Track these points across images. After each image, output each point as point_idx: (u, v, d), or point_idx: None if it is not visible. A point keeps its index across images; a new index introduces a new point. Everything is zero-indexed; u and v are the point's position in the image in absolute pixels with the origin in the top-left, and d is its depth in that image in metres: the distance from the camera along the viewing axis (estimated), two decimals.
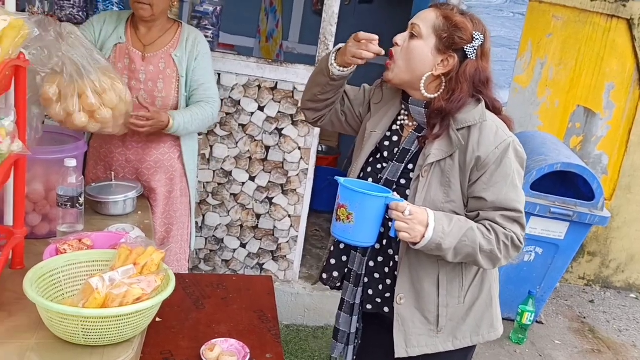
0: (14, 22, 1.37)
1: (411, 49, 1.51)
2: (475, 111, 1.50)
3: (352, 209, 1.41)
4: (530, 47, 4.18)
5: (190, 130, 2.26)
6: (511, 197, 1.47)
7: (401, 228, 1.41)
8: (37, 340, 1.34)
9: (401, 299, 1.59)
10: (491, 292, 1.65)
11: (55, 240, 1.70)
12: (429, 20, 1.51)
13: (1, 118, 1.46)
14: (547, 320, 3.82)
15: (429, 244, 1.43)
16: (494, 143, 1.47)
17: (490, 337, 1.66)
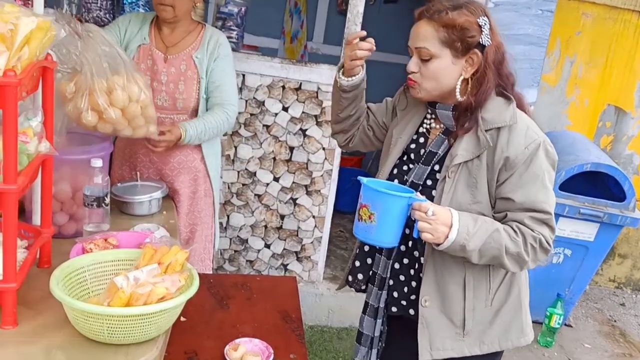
0: (42, 23, 1.38)
1: (432, 71, 1.48)
2: (506, 112, 1.47)
3: (374, 209, 1.40)
4: (559, 45, 4.10)
5: (204, 139, 2.26)
6: (540, 198, 1.44)
7: (424, 229, 1.39)
8: (63, 338, 1.36)
9: (426, 301, 1.56)
10: (520, 297, 1.61)
11: (81, 240, 1.72)
12: (432, 37, 1.45)
13: (29, 118, 1.48)
14: (576, 324, 3.75)
15: (452, 245, 1.40)
16: (523, 143, 1.44)
17: (520, 342, 1.62)
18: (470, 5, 1.47)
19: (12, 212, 1.31)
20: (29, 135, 1.42)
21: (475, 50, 1.46)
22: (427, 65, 1.48)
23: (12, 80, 1.23)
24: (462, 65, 1.48)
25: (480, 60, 1.47)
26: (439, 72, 1.48)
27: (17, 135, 1.27)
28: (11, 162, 1.28)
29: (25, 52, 1.36)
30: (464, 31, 1.44)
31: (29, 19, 1.34)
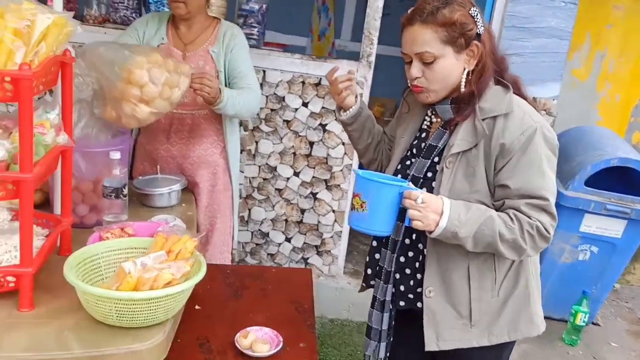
0: (57, 19, 1.45)
1: (438, 72, 1.48)
2: (502, 101, 1.47)
3: (366, 198, 1.43)
4: (589, 38, 4.02)
5: (237, 107, 2.23)
6: (537, 184, 1.43)
7: (414, 216, 1.41)
8: (75, 320, 1.42)
9: (430, 292, 1.57)
10: (528, 287, 1.60)
11: (99, 229, 1.79)
12: (432, 39, 1.44)
13: (47, 111, 1.55)
14: (604, 323, 3.67)
15: (444, 232, 1.42)
16: (519, 129, 1.44)
17: (530, 333, 1.62)
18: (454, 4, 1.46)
19: (28, 200, 1.37)
20: (46, 127, 1.49)
21: (475, 42, 1.47)
22: (432, 68, 1.48)
23: (26, 74, 1.30)
24: (464, 59, 1.49)
25: (480, 50, 1.48)
26: (445, 71, 1.48)
27: (32, 127, 1.34)
28: (27, 152, 1.34)
29: (42, 48, 1.43)
30: (463, 26, 1.45)
31: (45, 16, 1.41)
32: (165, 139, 2.40)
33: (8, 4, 1.38)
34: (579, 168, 3.20)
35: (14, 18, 1.34)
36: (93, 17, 3.08)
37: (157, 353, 1.40)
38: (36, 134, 1.44)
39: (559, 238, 3.32)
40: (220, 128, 2.39)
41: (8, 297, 1.46)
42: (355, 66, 2.89)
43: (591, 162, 3.17)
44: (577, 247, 3.35)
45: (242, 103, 2.24)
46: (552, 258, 3.39)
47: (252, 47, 2.89)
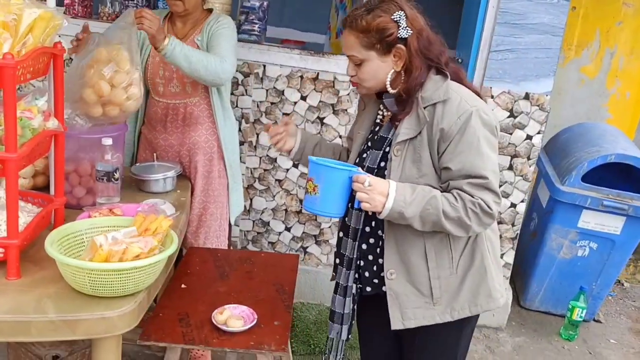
0: (44, 14, 1.58)
1: (366, 72, 1.60)
2: (440, 89, 1.56)
3: (318, 181, 1.53)
4: (599, 36, 4.02)
5: (192, 60, 2.20)
6: (477, 164, 1.51)
7: (362, 198, 1.50)
8: (55, 290, 1.55)
9: (392, 274, 1.66)
10: (484, 262, 1.68)
11: (88, 209, 1.92)
12: (355, 44, 1.57)
13: (36, 98, 1.68)
14: (606, 320, 3.67)
15: (391, 213, 1.51)
16: (456, 114, 1.52)
17: (489, 306, 1.70)
18: (384, 4, 1.55)
19: (13, 178, 1.51)
20: (33, 112, 1.63)
21: (399, 45, 1.55)
22: (361, 69, 1.61)
23: (10, 63, 1.43)
24: (391, 61, 1.58)
25: (405, 52, 1.56)
26: (372, 72, 1.60)
27: (15, 111, 1.47)
28: (11, 134, 1.47)
29: (30, 39, 1.56)
30: (381, 32, 1.54)
31: (31, 10, 1.54)
32: (162, 128, 2.53)
33: None
34: (576, 164, 3.22)
35: (1, 12, 1.48)
36: (107, 14, 3.23)
37: (127, 320, 1.52)
38: (23, 118, 1.58)
39: (557, 233, 3.35)
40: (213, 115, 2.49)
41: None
42: None
43: (588, 158, 3.19)
44: (576, 243, 3.36)
45: (197, 58, 2.21)
46: (551, 253, 3.41)
47: (254, 42, 3.01)
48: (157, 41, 2.15)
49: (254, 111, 3.08)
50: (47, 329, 1.45)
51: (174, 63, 2.22)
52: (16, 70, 1.46)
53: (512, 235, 3.19)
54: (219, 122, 2.49)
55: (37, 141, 1.63)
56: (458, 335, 1.76)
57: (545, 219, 3.42)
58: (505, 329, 3.38)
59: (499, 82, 2.89)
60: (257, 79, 3.03)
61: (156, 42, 2.16)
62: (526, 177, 3.08)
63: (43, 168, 2.14)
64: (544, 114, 2.94)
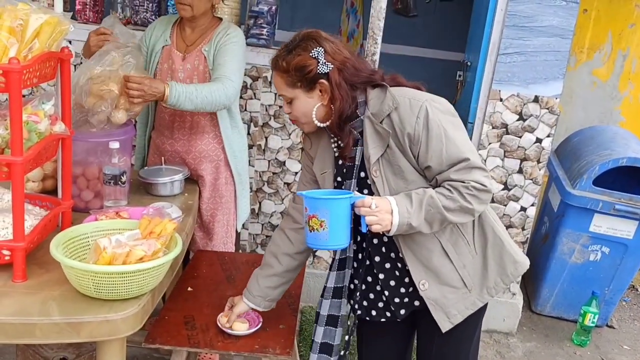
0: (50, 19, 1.60)
1: (296, 109, 1.64)
2: (386, 99, 1.57)
3: (323, 217, 1.49)
4: (611, 38, 3.98)
5: (195, 102, 2.19)
6: (452, 151, 1.52)
7: (372, 222, 1.51)
8: (60, 292, 1.56)
9: (424, 285, 1.67)
10: (496, 233, 1.71)
11: (95, 212, 1.94)
12: (281, 84, 1.62)
13: (43, 102, 1.70)
14: (620, 325, 3.62)
15: (399, 228, 1.52)
16: (413, 114, 1.54)
17: (519, 271, 1.73)
18: (303, 42, 1.57)
19: (19, 181, 1.53)
20: (40, 116, 1.64)
21: (321, 80, 1.57)
22: (293, 107, 1.64)
23: (15, 67, 1.44)
24: (317, 96, 1.60)
25: (328, 86, 1.57)
26: (302, 109, 1.63)
27: (21, 115, 1.49)
28: (17, 137, 1.49)
29: (36, 44, 1.58)
30: (301, 70, 1.56)
31: (37, 15, 1.56)
32: (169, 134, 2.53)
33: (5, 5, 1.54)
34: (587, 167, 3.19)
35: (8, 17, 1.50)
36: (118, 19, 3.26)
37: (131, 323, 1.53)
38: (30, 122, 1.59)
39: (568, 237, 3.31)
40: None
41: (5, 269, 1.62)
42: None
43: (599, 162, 3.15)
44: (588, 248, 3.32)
45: (201, 97, 2.20)
46: (562, 257, 3.38)
47: (262, 46, 3.02)
48: (158, 98, 2.15)
49: (263, 114, 3.08)
50: (51, 331, 1.46)
51: (180, 108, 2.23)
52: (22, 74, 1.47)
53: (523, 239, 3.17)
54: (225, 131, 2.48)
55: (43, 145, 1.65)
56: (476, 320, 1.78)
57: (557, 223, 3.39)
58: (516, 334, 3.35)
59: (507, 85, 2.87)
60: (266, 83, 3.03)
61: (158, 99, 2.17)
62: (536, 180, 3.05)
63: (52, 171, 2.16)
64: (554, 117, 2.91)
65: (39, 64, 1.59)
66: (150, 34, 2.48)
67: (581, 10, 3.82)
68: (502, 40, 2.82)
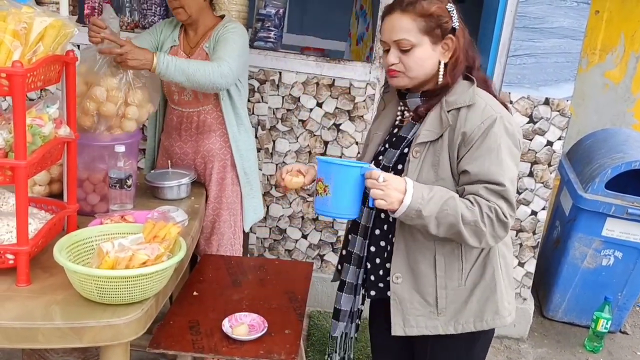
0: (54, 22, 1.59)
1: (415, 60, 1.55)
2: (466, 93, 1.54)
3: (328, 181, 1.47)
4: (623, 40, 3.93)
5: (187, 72, 2.16)
6: (494, 170, 1.47)
7: (377, 195, 1.45)
8: (64, 296, 1.55)
9: (397, 278, 1.62)
10: (495, 277, 1.63)
11: (100, 215, 1.93)
12: (410, 27, 1.53)
13: (47, 106, 1.70)
14: (632, 331, 3.56)
15: (408, 211, 1.45)
16: (480, 118, 1.50)
17: (495, 324, 1.64)
18: None
19: (22, 185, 1.52)
20: (44, 120, 1.64)
21: (450, 36, 1.55)
22: (409, 55, 1.55)
23: (19, 71, 1.44)
24: (439, 51, 1.56)
25: (454, 44, 1.55)
26: (421, 60, 1.55)
27: (25, 118, 1.48)
28: (21, 141, 1.48)
29: (40, 48, 1.57)
30: (439, 18, 1.53)
31: (42, 18, 1.56)
32: (177, 136, 2.54)
33: (10, 8, 1.54)
34: (599, 171, 3.14)
35: (12, 21, 1.49)
36: (126, 23, 3.27)
37: (134, 328, 1.51)
38: (34, 125, 1.59)
39: (581, 242, 3.27)
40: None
41: (9, 273, 1.61)
42: (368, 68, 2.95)
43: (612, 165, 3.11)
44: (600, 252, 3.27)
45: (193, 69, 2.16)
46: (574, 262, 3.33)
47: (269, 49, 3.01)
48: (148, 65, 2.12)
49: (270, 118, 3.07)
50: (54, 335, 1.45)
51: (172, 80, 2.18)
52: (25, 78, 1.47)
53: (533, 243, 3.12)
54: (231, 129, 2.48)
55: (47, 148, 1.64)
56: (468, 348, 1.71)
57: (568, 227, 3.34)
58: (527, 339, 3.30)
59: (518, 87, 2.84)
60: (273, 86, 3.02)
61: (148, 66, 2.12)
62: (547, 184, 3.01)
63: (59, 175, 2.16)
64: (565, 119, 2.87)
65: (43, 68, 1.59)
66: (160, 30, 2.51)
67: (593, 11, 3.78)
68: (512, 42, 2.79)
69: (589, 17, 2.76)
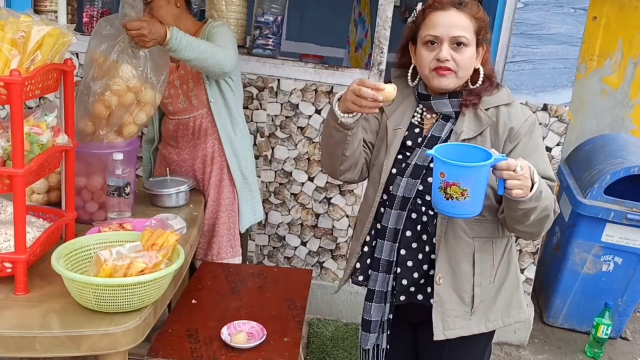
0: (52, 31, 1.60)
1: (468, 58, 1.56)
2: (502, 92, 1.62)
3: (466, 185, 1.34)
4: (621, 46, 3.94)
5: (198, 50, 2.16)
6: (545, 166, 1.53)
7: (514, 186, 1.38)
8: (62, 305, 1.55)
9: (440, 279, 1.60)
10: (517, 274, 1.69)
11: (98, 223, 1.93)
12: (467, 26, 1.54)
13: (45, 114, 1.70)
14: (633, 337, 3.55)
15: (534, 194, 1.40)
16: (523, 115, 1.58)
17: (520, 317, 1.69)
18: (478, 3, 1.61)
19: (20, 193, 1.52)
20: (42, 128, 1.64)
21: (484, 44, 1.60)
22: (462, 53, 1.54)
23: (16, 79, 1.44)
24: (476, 55, 1.60)
25: (485, 52, 1.61)
26: (470, 59, 1.57)
27: (22, 126, 1.48)
28: (19, 149, 1.49)
29: (38, 56, 1.58)
30: (485, 25, 1.59)
31: (39, 27, 1.56)
32: (175, 143, 2.54)
33: (8, 17, 1.54)
34: (598, 176, 3.14)
35: (10, 29, 1.50)
36: None
37: (132, 336, 1.51)
38: (32, 133, 1.59)
39: (580, 247, 3.26)
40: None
41: (7, 281, 1.61)
42: (367, 74, 2.96)
43: (610, 171, 3.11)
44: (600, 258, 3.27)
45: (203, 46, 2.18)
46: (574, 268, 3.32)
47: (268, 57, 3.02)
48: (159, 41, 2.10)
49: (269, 125, 3.07)
50: (52, 344, 1.45)
51: (182, 56, 2.15)
52: (23, 86, 1.47)
53: (533, 249, 3.12)
54: (226, 130, 2.47)
55: (45, 157, 1.64)
56: (487, 343, 1.74)
57: (568, 233, 3.34)
58: (528, 346, 3.29)
59: (516, 93, 2.82)
60: (272, 93, 3.03)
61: (161, 41, 2.10)
62: None
63: (57, 183, 2.15)
64: (563, 125, 2.87)
65: (41, 76, 1.59)
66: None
67: (590, 17, 3.79)
68: (509, 48, 2.80)
69: (587, 24, 2.77)
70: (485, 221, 1.59)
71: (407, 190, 1.61)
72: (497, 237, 1.63)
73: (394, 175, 1.64)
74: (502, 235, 1.64)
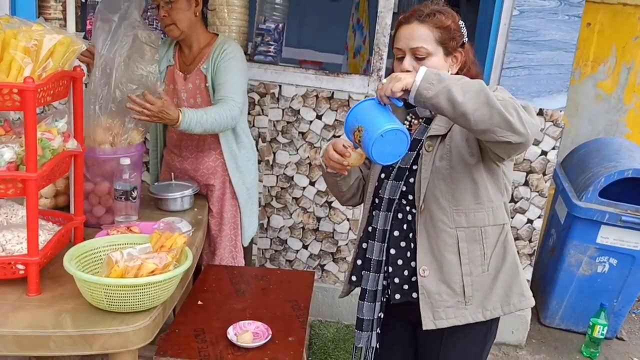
0: (63, 39, 1.65)
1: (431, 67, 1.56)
2: None
3: (361, 123, 1.46)
4: (615, 51, 4.00)
5: (205, 126, 2.24)
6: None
7: (385, 87, 1.44)
8: (74, 305, 1.60)
9: (424, 271, 1.64)
10: (515, 261, 1.70)
11: (106, 227, 1.97)
12: (427, 36, 1.60)
13: (56, 120, 1.75)
14: (629, 337, 3.60)
15: (425, 78, 1.41)
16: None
17: (522, 305, 1.70)
18: (450, 9, 1.65)
19: (33, 197, 1.57)
20: (53, 134, 1.68)
21: (460, 49, 1.65)
22: (423, 64, 1.60)
23: (30, 86, 1.49)
24: (449, 63, 1.65)
25: (463, 57, 1.65)
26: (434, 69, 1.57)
27: (35, 132, 1.53)
28: (31, 154, 1.53)
29: (50, 64, 1.63)
30: (453, 31, 1.62)
31: (51, 35, 1.61)
32: (178, 152, 2.58)
33: (20, 26, 1.59)
34: (593, 179, 3.20)
35: (23, 38, 1.55)
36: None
37: (142, 335, 1.55)
38: (43, 139, 1.64)
39: (576, 249, 3.32)
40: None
41: (19, 283, 1.65)
42: (366, 80, 3.01)
43: (605, 174, 3.17)
44: (596, 259, 3.32)
45: (210, 121, 2.25)
46: (570, 270, 3.38)
47: (269, 63, 3.07)
48: (169, 123, 2.21)
49: (271, 130, 3.13)
50: (65, 343, 1.49)
51: (189, 132, 2.27)
52: (36, 93, 1.52)
53: (529, 251, 3.18)
54: (230, 147, 2.50)
55: (56, 161, 1.69)
56: (486, 334, 1.76)
57: (564, 235, 3.39)
58: (525, 346, 3.34)
59: None
60: (273, 99, 3.08)
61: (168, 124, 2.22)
62: (542, 193, 3.07)
63: (64, 188, 2.20)
64: (559, 129, 2.94)
65: (52, 83, 1.64)
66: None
67: (584, 24, 3.85)
68: (505, 55, 2.86)
69: (581, 30, 2.83)
70: (470, 211, 1.63)
71: (392, 192, 1.68)
72: (488, 225, 1.65)
73: (382, 180, 1.72)
74: (494, 223, 1.66)
